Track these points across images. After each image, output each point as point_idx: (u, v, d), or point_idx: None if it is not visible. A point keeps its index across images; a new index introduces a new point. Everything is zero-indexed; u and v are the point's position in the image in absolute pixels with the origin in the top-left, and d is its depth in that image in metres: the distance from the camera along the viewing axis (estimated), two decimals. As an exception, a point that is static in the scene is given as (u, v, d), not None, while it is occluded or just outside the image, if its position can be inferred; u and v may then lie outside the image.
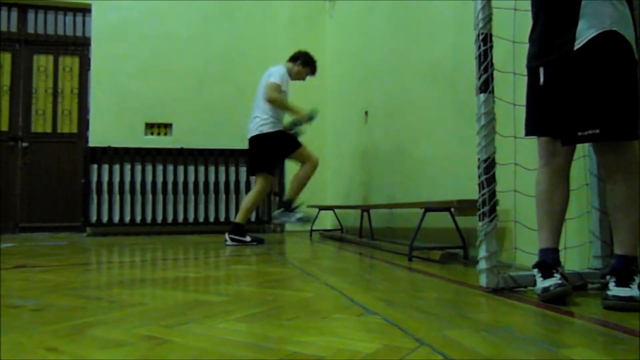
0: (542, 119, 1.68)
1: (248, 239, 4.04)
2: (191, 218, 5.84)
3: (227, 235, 4.06)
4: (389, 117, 4.27)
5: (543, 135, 1.69)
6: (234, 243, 4.01)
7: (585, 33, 1.54)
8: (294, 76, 4.26)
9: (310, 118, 4.09)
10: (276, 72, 4.07)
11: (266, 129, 4.03)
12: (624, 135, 1.51)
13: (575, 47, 1.55)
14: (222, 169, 5.97)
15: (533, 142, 1.75)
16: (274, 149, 4.09)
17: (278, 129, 4.07)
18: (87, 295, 1.72)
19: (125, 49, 5.94)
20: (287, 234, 5.72)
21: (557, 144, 1.65)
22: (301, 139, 4.21)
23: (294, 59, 4.27)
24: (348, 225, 5.27)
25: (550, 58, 1.64)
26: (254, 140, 4.11)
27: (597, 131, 1.51)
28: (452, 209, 2.79)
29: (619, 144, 1.53)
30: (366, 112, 4.84)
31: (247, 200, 4.18)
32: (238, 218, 4.12)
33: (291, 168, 5.81)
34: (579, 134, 1.55)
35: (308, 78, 4.40)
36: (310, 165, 4.16)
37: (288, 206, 4.19)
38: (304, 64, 4.24)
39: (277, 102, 3.98)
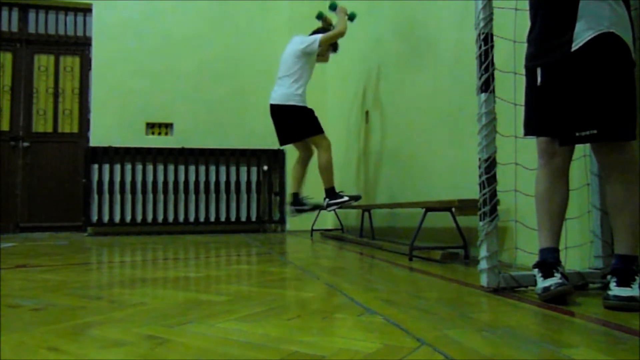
0: (540, 119, 1.68)
1: (345, 198, 4.00)
2: (192, 218, 5.85)
3: (326, 202, 4.04)
4: (390, 117, 4.27)
5: (541, 136, 1.69)
6: (335, 207, 4.02)
7: (583, 34, 1.54)
8: (319, 53, 4.18)
9: (350, 18, 4.06)
10: (311, 36, 4.07)
11: (297, 101, 3.97)
12: (622, 136, 1.51)
13: (573, 49, 1.56)
14: (222, 168, 5.97)
15: (534, 141, 1.75)
16: (305, 121, 4.03)
17: (306, 106, 4.03)
18: (87, 295, 1.72)
19: (126, 49, 5.94)
20: (288, 234, 5.72)
21: (556, 144, 1.65)
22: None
23: (318, 31, 4.19)
24: (349, 225, 5.27)
25: (548, 59, 1.64)
26: (285, 109, 4.01)
27: (595, 132, 1.51)
28: (453, 209, 2.78)
29: (617, 144, 1.53)
30: (367, 112, 4.84)
31: (321, 166, 4.04)
32: (326, 183, 4.05)
33: (291, 166, 5.81)
34: (577, 134, 1.55)
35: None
36: (325, 150, 4.07)
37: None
38: None
39: (331, 37, 4.00)
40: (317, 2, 6.40)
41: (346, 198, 4.02)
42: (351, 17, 4.11)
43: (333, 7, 4.13)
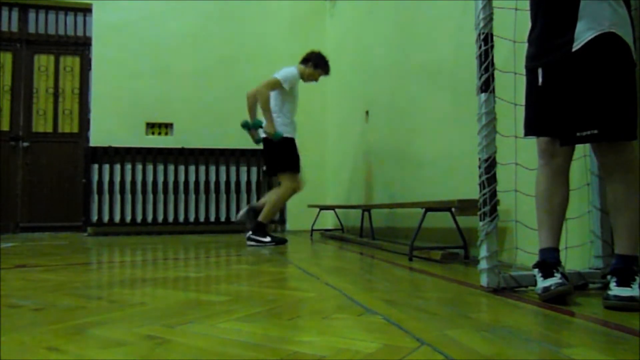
0: (540, 119, 1.68)
1: (268, 239, 3.93)
2: (192, 218, 5.85)
3: (247, 235, 3.97)
4: (390, 117, 4.27)
5: (542, 136, 1.69)
6: (253, 243, 3.90)
7: (583, 35, 1.54)
8: (307, 78, 4.20)
9: (274, 135, 3.96)
10: (283, 71, 4.06)
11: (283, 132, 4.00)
12: (623, 136, 1.51)
13: (574, 49, 1.56)
14: (222, 168, 5.97)
15: (534, 141, 1.75)
16: (288, 152, 4.04)
17: (291, 136, 4.04)
18: (88, 295, 1.72)
19: (126, 49, 5.94)
20: (288, 234, 5.71)
21: (556, 144, 1.65)
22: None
23: (305, 60, 4.22)
24: (349, 225, 5.27)
25: (548, 59, 1.64)
26: (268, 140, 4.05)
27: (596, 132, 1.51)
28: (453, 209, 2.78)
29: (618, 144, 1.53)
30: (367, 112, 4.84)
31: (271, 199, 4.03)
32: (261, 217, 3.98)
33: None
34: (578, 134, 1.56)
35: (321, 78, 4.34)
36: (287, 189, 4.04)
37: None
38: (315, 65, 4.19)
39: (262, 96, 3.93)
40: (317, 2, 6.44)
41: (268, 239, 3.93)
42: (274, 136, 3.96)
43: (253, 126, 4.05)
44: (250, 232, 3.99)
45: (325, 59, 4.26)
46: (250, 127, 4.09)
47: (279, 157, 4.05)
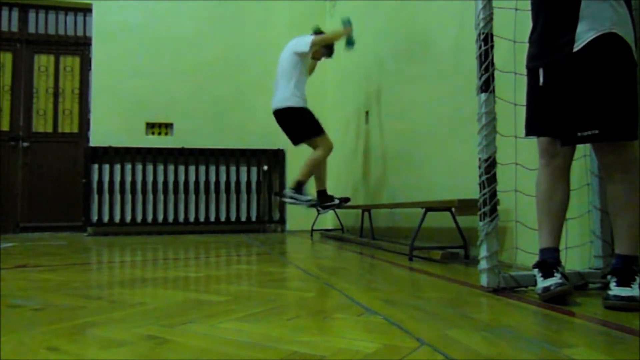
0: (541, 119, 1.68)
1: (308, 197, 4.08)
2: (192, 218, 5.85)
3: (288, 192, 4.13)
4: (390, 117, 4.27)
5: (543, 136, 1.69)
6: (292, 201, 4.06)
7: (584, 35, 1.54)
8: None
9: (349, 42, 4.16)
10: (307, 36, 4.14)
11: (293, 103, 4.01)
12: (623, 136, 1.51)
13: (575, 49, 1.56)
14: (222, 168, 5.98)
15: (534, 141, 1.75)
16: (304, 122, 4.07)
17: (304, 106, 4.07)
18: (88, 295, 1.72)
19: (126, 49, 5.94)
20: (288, 234, 5.71)
21: (557, 144, 1.65)
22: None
23: (315, 34, 4.26)
24: (349, 225, 5.27)
25: (549, 59, 1.64)
26: (283, 112, 4.07)
27: (597, 132, 1.51)
28: (453, 209, 2.78)
29: (619, 144, 1.53)
30: (367, 112, 4.84)
31: (309, 160, 4.08)
32: (301, 175, 4.06)
33: (291, 166, 5.82)
34: (579, 134, 1.56)
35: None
36: (323, 149, 4.12)
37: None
38: None
39: (332, 35, 4.15)
40: (317, 2, 6.43)
41: (309, 198, 4.07)
42: (350, 41, 4.16)
43: (347, 22, 4.21)
44: (293, 190, 4.09)
45: None
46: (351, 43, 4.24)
47: (302, 125, 4.08)
